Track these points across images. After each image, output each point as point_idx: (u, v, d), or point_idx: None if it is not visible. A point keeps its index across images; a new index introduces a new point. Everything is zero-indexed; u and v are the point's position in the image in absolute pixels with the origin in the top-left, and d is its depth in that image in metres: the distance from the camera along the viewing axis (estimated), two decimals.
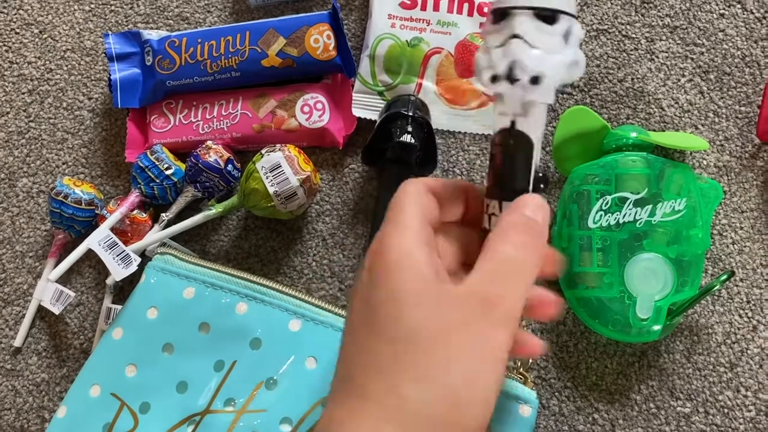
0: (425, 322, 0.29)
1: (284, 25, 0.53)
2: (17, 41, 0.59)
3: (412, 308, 0.29)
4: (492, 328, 0.29)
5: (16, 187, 0.57)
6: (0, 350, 0.54)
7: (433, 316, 0.29)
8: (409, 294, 0.29)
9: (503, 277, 0.30)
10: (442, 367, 0.28)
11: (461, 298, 0.29)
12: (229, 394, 0.46)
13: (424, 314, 0.29)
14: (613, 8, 0.56)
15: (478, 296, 0.29)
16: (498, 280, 0.30)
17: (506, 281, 0.30)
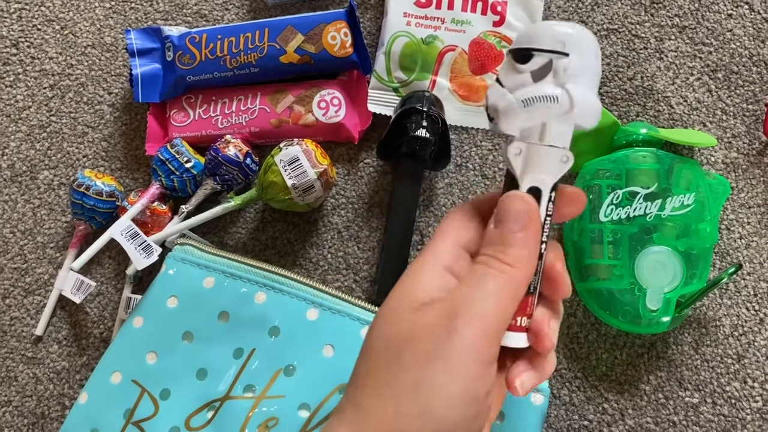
0: (395, 336, 0.30)
1: (302, 23, 0.54)
2: (39, 37, 0.61)
3: (387, 325, 0.31)
4: (456, 335, 0.29)
5: (38, 180, 0.58)
6: (21, 339, 0.55)
7: (403, 330, 0.30)
8: (387, 314, 0.31)
9: (472, 284, 0.30)
10: (402, 378, 0.29)
11: (432, 309, 0.30)
12: (248, 381, 0.48)
13: (396, 330, 0.30)
14: (623, 8, 0.58)
15: (447, 304, 0.30)
16: (468, 287, 0.30)
17: (475, 287, 0.30)
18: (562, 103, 0.30)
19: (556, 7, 0.58)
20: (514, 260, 0.30)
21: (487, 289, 0.30)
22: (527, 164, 0.31)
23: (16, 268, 0.56)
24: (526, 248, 0.31)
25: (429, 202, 0.56)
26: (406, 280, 0.32)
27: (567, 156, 0.31)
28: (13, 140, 0.59)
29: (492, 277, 0.30)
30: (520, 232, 0.31)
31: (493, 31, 0.55)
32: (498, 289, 0.30)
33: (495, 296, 0.30)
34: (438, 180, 0.56)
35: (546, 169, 0.31)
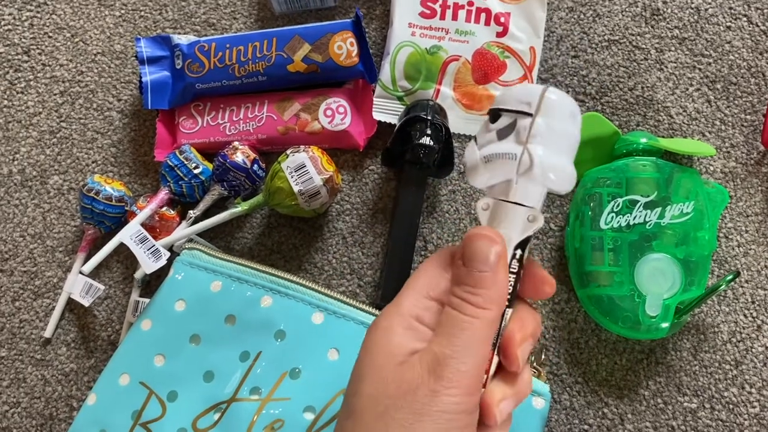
0: (380, 394, 0.30)
1: (309, 33, 0.55)
2: (50, 44, 0.62)
3: (370, 384, 0.30)
4: (440, 396, 0.29)
5: (48, 185, 0.59)
6: (30, 341, 0.56)
7: (389, 390, 0.30)
8: (370, 370, 0.31)
9: (449, 334, 0.30)
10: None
11: (415, 365, 0.30)
12: (254, 383, 0.48)
13: (381, 388, 0.30)
14: (624, 20, 0.59)
15: (428, 359, 0.30)
16: (445, 337, 0.30)
17: (452, 338, 0.30)
18: (522, 162, 0.30)
19: (558, 19, 0.59)
20: (484, 302, 0.30)
21: (462, 340, 0.30)
22: (493, 219, 0.31)
23: (26, 272, 0.57)
24: (495, 288, 0.31)
25: (432, 209, 0.57)
26: (379, 334, 0.31)
27: (534, 216, 0.31)
28: (23, 145, 0.60)
29: (465, 325, 0.30)
30: (489, 271, 0.30)
31: (496, 42, 0.57)
32: (473, 339, 0.30)
33: (471, 349, 0.30)
34: (441, 187, 0.57)
35: (511, 226, 0.31)
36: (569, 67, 0.58)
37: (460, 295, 0.31)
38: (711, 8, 0.59)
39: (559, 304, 0.54)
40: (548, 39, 0.58)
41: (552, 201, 0.56)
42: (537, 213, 0.31)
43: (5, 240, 0.58)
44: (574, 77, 0.58)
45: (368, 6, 0.61)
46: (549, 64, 0.58)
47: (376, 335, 0.31)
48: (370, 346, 0.31)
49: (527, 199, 0.31)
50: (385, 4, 0.60)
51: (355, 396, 0.31)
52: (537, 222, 0.31)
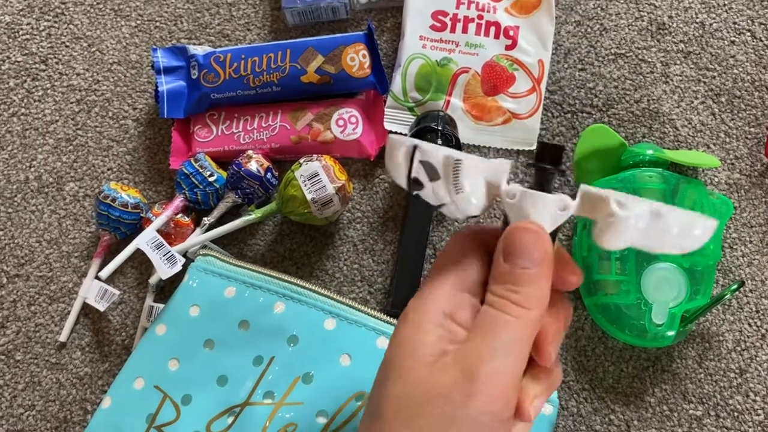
0: (408, 397, 0.28)
1: (323, 44, 0.56)
2: (67, 54, 0.63)
3: (398, 385, 0.28)
4: (474, 400, 0.27)
5: (64, 191, 0.60)
6: (46, 345, 0.57)
7: (417, 392, 0.27)
8: (398, 370, 0.29)
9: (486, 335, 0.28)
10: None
11: (446, 366, 0.28)
12: (267, 388, 0.49)
13: (409, 390, 0.28)
14: (630, 33, 0.60)
15: (461, 360, 0.27)
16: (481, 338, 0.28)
17: (490, 338, 0.28)
18: None
19: (566, 32, 0.60)
20: (527, 301, 0.28)
21: (501, 341, 0.28)
22: (521, 210, 0.29)
23: (42, 276, 0.58)
24: (539, 287, 0.28)
25: (442, 217, 0.58)
26: (408, 332, 0.29)
27: (565, 204, 0.29)
28: (40, 152, 0.61)
29: (506, 325, 0.28)
30: (533, 268, 0.28)
31: (506, 55, 0.58)
32: (513, 340, 0.28)
33: (511, 350, 0.27)
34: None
35: (541, 217, 0.29)
36: (576, 79, 0.59)
37: (500, 293, 0.28)
38: (715, 23, 0.60)
39: None
40: (556, 52, 0.60)
41: None
42: (568, 200, 0.29)
43: (22, 245, 0.59)
44: (581, 89, 0.59)
45: (379, 19, 0.62)
46: (557, 76, 0.59)
47: (405, 330, 0.29)
48: (398, 341, 0.29)
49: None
50: (396, 17, 0.62)
51: (381, 398, 0.29)
52: (568, 210, 0.29)
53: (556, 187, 0.31)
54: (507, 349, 0.28)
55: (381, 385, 0.29)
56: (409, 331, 0.29)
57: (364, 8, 0.62)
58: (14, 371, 0.56)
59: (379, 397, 0.29)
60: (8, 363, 0.56)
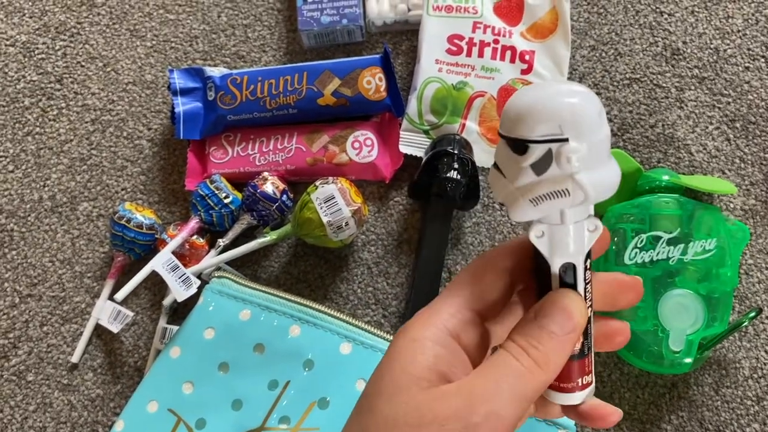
0: (400, 420, 0.26)
1: (339, 67, 0.57)
2: (82, 73, 0.63)
3: (384, 402, 0.27)
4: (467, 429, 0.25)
5: (77, 211, 0.60)
6: (58, 366, 0.56)
7: (411, 416, 0.26)
8: (390, 387, 0.27)
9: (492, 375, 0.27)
10: None
11: (446, 400, 0.26)
12: (283, 413, 0.49)
13: (401, 412, 0.26)
14: (645, 59, 0.60)
15: (463, 397, 0.26)
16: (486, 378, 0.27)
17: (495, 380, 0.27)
18: (575, 195, 0.26)
19: (581, 57, 0.60)
20: (544, 362, 0.27)
21: (510, 387, 0.26)
22: (554, 247, 0.28)
23: (54, 297, 0.58)
24: (560, 354, 0.27)
25: (457, 241, 0.57)
26: (406, 346, 0.28)
27: (595, 225, 0.28)
28: (54, 172, 0.61)
29: (518, 374, 0.27)
30: (561, 337, 0.27)
31: (521, 79, 0.58)
32: (520, 390, 0.27)
33: (516, 398, 0.26)
34: (466, 219, 0.58)
35: (577, 244, 0.28)
36: None
37: (520, 342, 0.28)
38: (730, 49, 0.60)
39: None
40: (571, 76, 0.60)
41: None
42: (596, 221, 0.28)
43: (34, 265, 0.59)
44: None
45: (395, 42, 0.62)
46: None
47: (402, 345, 0.28)
48: (394, 356, 0.28)
49: (583, 215, 0.28)
50: (411, 40, 0.62)
51: (369, 413, 0.27)
52: (598, 230, 0.28)
53: None
54: (514, 396, 0.26)
55: (371, 398, 0.28)
56: (406, 346, 0.28)
57: (379, 31, 0.62)
58: (25, 392, 0.56)
59: (368, 411, 0.27)
60: (20, 384, 0.56)
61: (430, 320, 0.28)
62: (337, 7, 0.59)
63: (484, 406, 0.26)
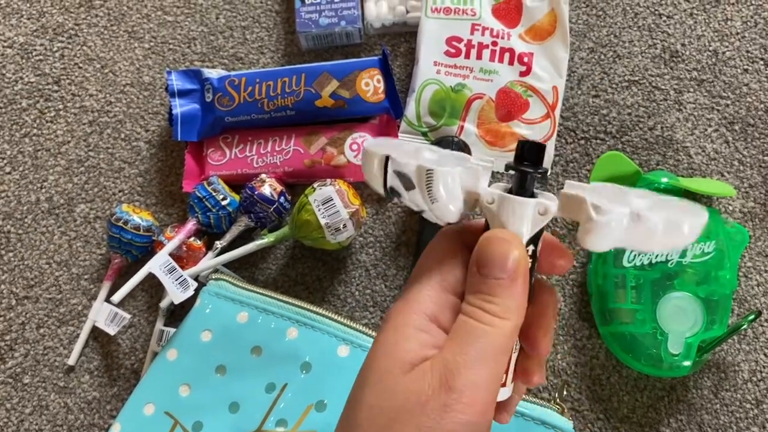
0: (384, 406, 0.27)
1: (337, 69, 0.56)
2: (80, 75, 0.63)
3: (373, 394, 0.27)
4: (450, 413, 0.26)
5: (74, 213, 0.60)
6: (54, 368, 0.56)
7: (393, 401, 0.26)
8: (375, 376, 0.28)
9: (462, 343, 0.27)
10: None
11: (423, 375, 0.27)
12: (280, 415, 0.49)
13: (384, 399, 0.27)
14: (643, 61, 0.60)
15: (438, 369, 0.27)
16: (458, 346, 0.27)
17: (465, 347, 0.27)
18: None
19: (580, 59, 0.60)
20: (502, 311, 0.27)
21: (478, 351, 0.27)
22: (500, 216, 0.28)
23: (51, 299, 0.58)
24: (514, 296, 0.28)
25: None
26: (388, 336, 0.28)
27: (545, 207, 0.28)
28: (51, 174, 0.60)
29: (482, 334, 0.27)
30: (507, 279, 0.27)
31: (520, 81, 0.58)
32: (490, 350, 0.27)
33: (488, 360, 0.27)
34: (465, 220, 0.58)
35: (521, 221, 0.28)
36: (590, 106, 0.59)
37: (476, 303, 0.28)
38: (728, 51, 0.60)
39: (581, 340, 0.54)
40: (570, 78, 0.60)
41: (574, 238, 0.57)
42: (548, 203, 0.28)
43: (31, 267, 0.58)
44: (594, 116, 0.59)
45: (393, 44, 0.62)
46: (570, 102, 0.59)
47: (386, 335, 0.28)
48: (378, 346, 0.28)
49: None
50: (409, 42, 0.62)
51: (357, 405, 0.28)
52: (549, 213, 0.28)
53: (538, 188, 0.30)
54: (484, 359, 0.27)
55: (358, 390, 0.28)
56: (390, 336, 0.28)
57: (377, 33, 0.62)
58: (22, 395, 0.56)
59: (355, 403, 0.28)
60: (16, 386, 0.56)
61: (408, 307, 0.28)
62: (335, 9, 0.59)
63: (458, 378, 0.26)
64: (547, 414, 0.47)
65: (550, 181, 0.58)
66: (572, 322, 0.55)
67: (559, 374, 0.54)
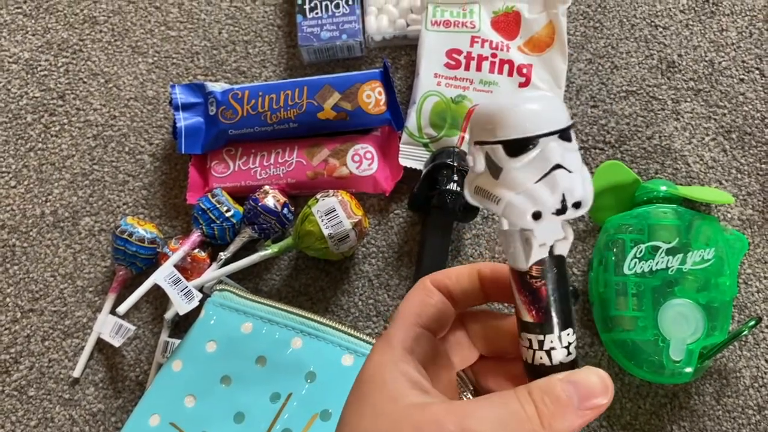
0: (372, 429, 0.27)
1: (339, 82, 0.57)
2: (84, 90, 0.64)
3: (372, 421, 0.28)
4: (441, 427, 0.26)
5: (79, 226, 0.60)
6: (59, 380, 0.56)
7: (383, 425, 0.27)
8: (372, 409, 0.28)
9: (487, 406, 0.27)
10: None
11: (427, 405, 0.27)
12: (285, 425, 0.49)
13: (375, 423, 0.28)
14: (641, 71, 0.61)
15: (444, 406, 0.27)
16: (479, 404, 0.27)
17: (488, 409, 0.27)
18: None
19: (578, 70, 0.61)
20: (546, 422, 0.27)
21: (496, 414, 0.26)
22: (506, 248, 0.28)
23: (56, 311, 0.58)
24: (564, 424, 0.27)
25: (457, 252, 0.58)
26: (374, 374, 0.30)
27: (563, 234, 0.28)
28: (56, 187, 0.61)
29: (512, 410, 0.27)
30: (575, 408, 0.27)
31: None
32: (506, 425, 0.26)
33: (498, 427, 0.26)
34: (465, 231, 0.58)
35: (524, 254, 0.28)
36: (589, 116, 0.60)
37: (533, 393, 0.27)
38: (724, 61, 0.61)
39: (584, 348, 0.55)
40: (568, 89, 0.60)
41: (575, 246, 0.57)
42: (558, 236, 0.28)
43: (36, 280, 0.59)
44: (593, 126, 0.60)
45: (393, 56, 0.63)
46: (569, 113, 0.60)
47: (369, 373, 0.30)
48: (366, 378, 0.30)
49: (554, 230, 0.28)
50: (410, 55, 0.63)
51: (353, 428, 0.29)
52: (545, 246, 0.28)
53: None
54: (497, 426, 0.26)
55: (352, 415, 0.29)
56: (374, 372, 0.30)
57: (378, 46, 0.63)
58: (27, 407, 0.56)
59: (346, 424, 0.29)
60: (21, 399, 0.56)
61: (386, 344, 0.30)
62: (336, 23, 0.60)
63: (463, 420, 0.26)
64: None
65: None
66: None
67: None
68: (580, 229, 0.58)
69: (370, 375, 0.30)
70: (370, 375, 0.30)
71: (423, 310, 0.32)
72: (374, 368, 0.30)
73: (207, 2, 0.66)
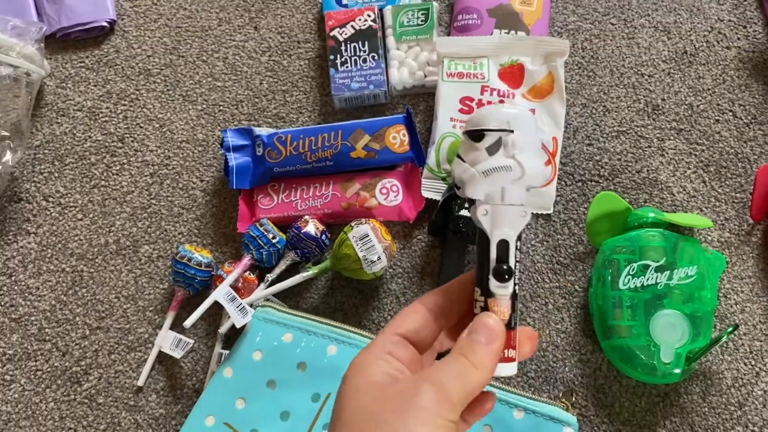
0: (368, 404, 0.33)
1: (369, 126, 0.66)
2: (141, 134, 0.73)
3: (354, 397, 0.34)
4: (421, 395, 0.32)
5: (139, 253, 0.68)
6: (125, 389, 0.64)
7: (373, 401, 0.33)
8: (355, 389, 0.34)
9: (441, 365, 0.34)
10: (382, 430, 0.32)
11: (403, 384, 0.34)
12: (326, 420, 0.56)
13: (364, 401, 0.33)
14: (629, 114, 0.70)
15: (418, 381, 0.33)
16: (436, 366, 0.34)
17: (443, 366, 0.34)
18: (514, 171, 0.36)
19: (574, 113, 0.70)
20: (478, 363, 0.34)
21: (452, 369, 0.34)
22: (494, 222, 0.36)
23: (120, 328, 0.66)
24: (488, 357, 0.35)
25: None
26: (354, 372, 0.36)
27: (525, 211, 0.37)
28: (118, 219, 0.69)
29: (459, 362, 0.34)
30: (487, 344, 0.35)
31: None
32: (462, 374, 0.34)
33: (458, 377, 0.34)
34: None
35: (509, 224, 0.36)
36: (585, 153, 0.69)
37: (457, 352, 0.35)
38: (702, 104, 0.70)
39: (586, 354, 0.62)
40: (567, 130, 0.69)
41: (576, 266, 0.66)
42: (526, 209, 0.37)
43: (102, 301, 0.67)
44: (589, 161, 0.68)
45: (413, 103, 0.72)
46: (567, 150, 0.69)
47: (353, 370, 0.36)
48: (348, 378, 0.36)
49: (518, 199, 0.36)
50: (427, 101, 0.72)
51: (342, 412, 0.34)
52: (527, 216, 0.37)
53: None
54: (454, 375, 0.34)
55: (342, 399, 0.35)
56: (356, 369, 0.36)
57: (399, 94, 0.72)
58: (96, 413, 0.63)
59: (340, 414, 0.35)
60: (91, 406, 0.63)
61: (369, 349, 0.37)
62: (364, 75, 0.70)
63: (432, 377, 0.33)
64: (555, 411, 0.55)
65: (552, 218, 0.67)
66: (577, 338, 0.63)
67: (567, 384, 0.62)
68: (580, 252, 0.66)
69: (354, 364, 0.36)
70: (354, 364, 0.36)
71: (401, 323, 0.38)
72: (358, 359, 0.37)
73: (248, 57, 0.75)
